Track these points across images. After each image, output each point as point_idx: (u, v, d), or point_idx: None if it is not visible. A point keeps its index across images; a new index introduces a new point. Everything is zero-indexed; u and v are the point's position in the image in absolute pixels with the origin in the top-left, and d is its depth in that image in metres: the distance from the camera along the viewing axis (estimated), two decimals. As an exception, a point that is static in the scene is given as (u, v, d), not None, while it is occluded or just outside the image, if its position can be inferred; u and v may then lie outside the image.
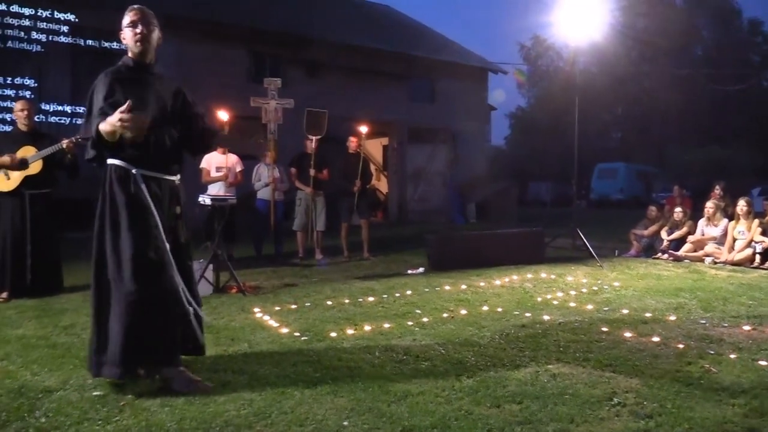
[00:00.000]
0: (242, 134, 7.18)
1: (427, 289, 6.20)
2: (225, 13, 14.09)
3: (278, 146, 8.40)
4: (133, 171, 3.21)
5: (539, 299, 5.70)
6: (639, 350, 3.94)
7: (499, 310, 5.19)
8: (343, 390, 3.21)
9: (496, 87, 20.73)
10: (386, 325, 4.63)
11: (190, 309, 3.34)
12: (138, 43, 3.28)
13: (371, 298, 5.72)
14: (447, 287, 6.30)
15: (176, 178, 3.45)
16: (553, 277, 7.00)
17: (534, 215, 17.17)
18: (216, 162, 7.60)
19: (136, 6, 3.34)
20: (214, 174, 7.65)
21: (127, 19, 3.30)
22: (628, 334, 4.33)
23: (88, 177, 10.99)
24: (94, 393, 3.20)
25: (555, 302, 5.56)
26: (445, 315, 5.01)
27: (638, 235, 9.45)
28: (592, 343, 4.11)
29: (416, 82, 17.42)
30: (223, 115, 5.66)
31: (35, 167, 5.76)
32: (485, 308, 5.27)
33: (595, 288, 6.31)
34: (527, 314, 5.01)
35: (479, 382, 3.33)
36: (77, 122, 11.75)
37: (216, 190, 7.55)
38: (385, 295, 5.88)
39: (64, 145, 5.66)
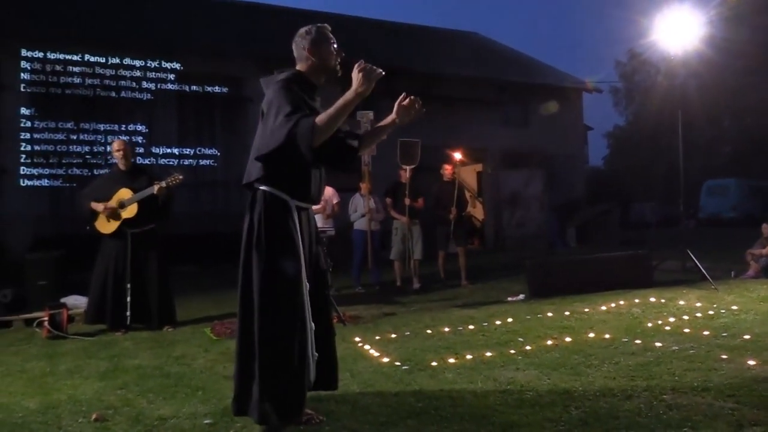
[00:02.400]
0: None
1: (528, 317, 6.04)
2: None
3: (373, 177, 8.54)
4: (291, 202, 3.10)
5: (649, 325, 5.40)
6: (765, 379, 3.64)
7: (607, 336, 4.97)
8: (446, 420, 3.16)
9: (592, 106, 20.15)
10: (488, 354, 4.54)
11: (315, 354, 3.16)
12: (337, 65, 3.25)
13: (471, 327, 5.65)
14: (549, 314, 6.11)
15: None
16: (663, 301, 6.63)
17: (638, 237, 16.42)
18: (314, 195, 7.81)
19: (326, 26, 3.26)
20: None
21: (328, 38, 3.25)
22: (751, 362, 4.01)
23: (193, 214, 11.53)
24: (205, 421, 3.31)
25: (667, 328, 5.25)
26: (549, 343, 4.86)
27: (756, 254, 8.80)
28: (711, 372, 3.83)
29: (509, 106, 17.27)
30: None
31: (131, 211, 5.98)
32: (591, 335, 5.06)
33: (711, 312, 5.91)
34: (637, 341, 4.76)
35: (588, 414, 3.18)
36: (184, 163, 12.49)
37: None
38: (486, 323, 5.78)
39: (156, 191, 5.90)
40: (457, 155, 8.80)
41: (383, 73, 2.91)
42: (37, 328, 5.95)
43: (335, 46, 3.24)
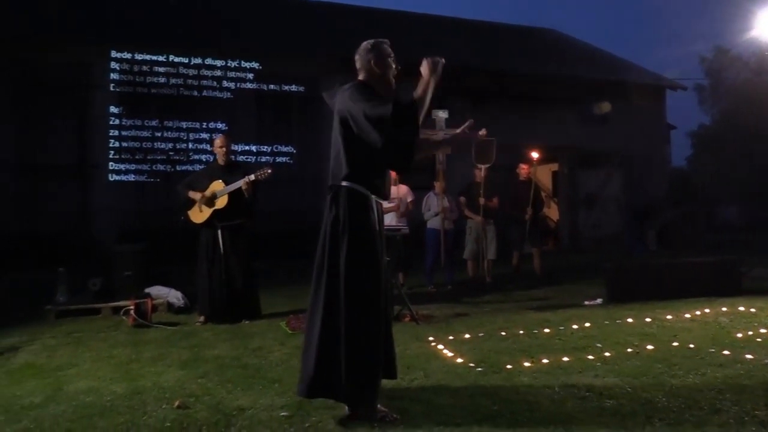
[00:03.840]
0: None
1: (607, 322, 5.85)
2: (395, 50, 14.68)
3: (447, 176, 8.47)
4: (372, 197, 3.34)
5: (739, 335, 5.12)
6: None
7: (691, 346, 4.73)
8: (523, 425, 3.10)
9: (676, 104, 19.26)
10: (565, 359, 4.42)
11: None
12: (394, 78, 3.48)
13: (547, 330, 5.51)
14: (629, 320, 5.89)
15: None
16: (753, 311, 6.26)
17: (724, 242, 15.63)
18: (388, 193, 7.81)
19: (385, 40, 3.53)
20: (385, 205, 7.86)
21: (389, 53, 3.49)
22: None
23: (268, 210, 11.82)
24: (282, 413, 3.37)
25: (758, 339, 4.96)
26: (629, 350, 4.68)
27: None
28: (810, 388, 3.60)
29: (586, 104, 16.76)
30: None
31: (222, 202, 6.25)
32: (675, 344, 4.84)
33: (808, 324, 5.55)
34: (725, 352, 4.51)
35: (674, 427, 3.05)
36: (261, 160, 12.79)
37: (388, 220, 7.75)
38: (562, 327, 5.64)
39: (243, 186, 6.14)
40: (534, 154, 8.62)
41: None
42: (124, 317, 6.23)
43: (394, 59, 3.49)
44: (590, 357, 4.47)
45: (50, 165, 11.65)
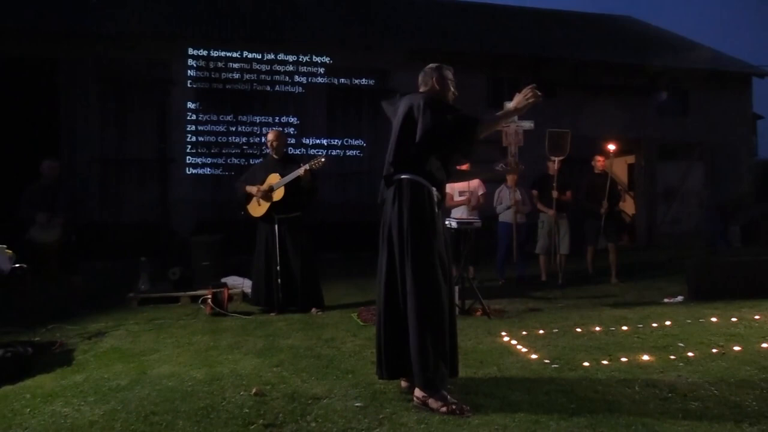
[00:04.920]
0: (483, 158, 7.25)
1: (689, 321, 5.60)
2: (467, 41, 14.54)
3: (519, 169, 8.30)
4: (433, 190, 3.47)
5: (836, 338, 4.81)
6: None
7: (784, 348, 4.49)
8: (602, 425, 3.01)
9: (765, 93, 18.14)
10: (645, 358, 4.27)
11: None
12: (454, 95, 3.68)
13: (625, 327, 5.34)
14: (713, 319, 5.62)
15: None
16: None
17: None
18: (459, 186, 7.75)
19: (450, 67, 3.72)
20: (457, 198, 7.81)
21: (450, 76, 3.67)
22: None
23: (339, 203, 11.91)
24: (356, 404, 3.40)
25: None
26: (714, 351, 4.47)
27: None
28: None
29: (665, 94, 16.07)
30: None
31: (278, 194, 6.29)
32: (765, 345, 4.59)
33: None
34: (822, 355, 4.25)
35: (767, 432, 2.89)
36: (332, 153, 12.94)
37: (459, 213, 7.69)
38: (641, 325, 5.44)
39: (301, 173, 6.17)
40: (611, 146, 8.34)
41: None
42: (201, 305, 6.44)
43: (453, 83, 3.69)
44: (672, 357, 4.30)
45: (132, 159, 12.16)
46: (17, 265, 4.63)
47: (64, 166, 7.96)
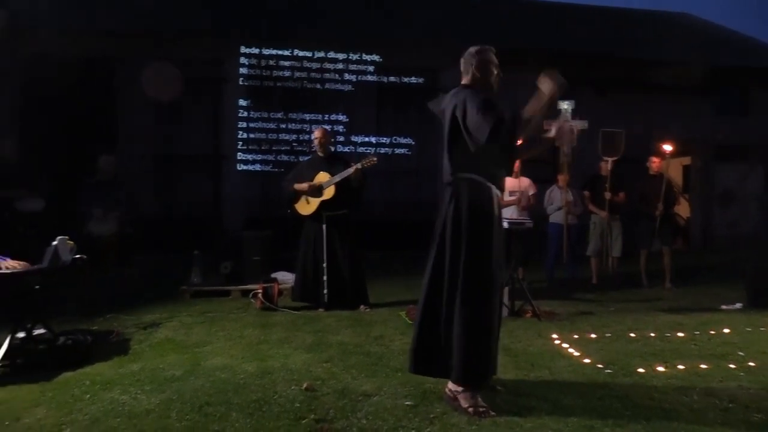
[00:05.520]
0: (534, 158, 7.15)
1: (749, 329, 5.41)
2: (518, 39, 14.35)
3: (571, 168, 8.18)
4: (493, 188, 3.42)
5: None
6: None
7: None
8: (660, 433, 2.93)
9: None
10: (703, 366, 4.14)
11: None
12: (495, 83, 3.58)
13: (680, 334, 5.19)
14: (776, 327, 5.42)
15: None
16: None
17: None
18: (509, 186, 7.66)
19: (490, 47, 3.61)
20: (507, 198, 7.72)
21: (492, 59, 3.57)
22: None
23: (387, 201, 11.91)
24: (406, 402, 3.40)
25: None
26: (777, 360, 4.31)
27: None
28: None
29: (724, 93, 15.54)
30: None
31: (329, 192, 6.34)
32: (832, 356, 4.40)
33: None
34: None
35: (837, 447, 2.76)
36: (380, 151, 12.96)
37: (509, 213, 7.59)
38: (697, 332, 5.28)
39: (352, 172, 6.20)
40: (667, 147, 8.11)
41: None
42: (252, 299, 6.53)
43: (495, 65, 3.58)
44: (731, 366, 4.16)
45: (185, 155, 12.42)
46: (78, 256, 4.77)
47: (121, 162, 8.16)
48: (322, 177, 6.39)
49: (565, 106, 8.26)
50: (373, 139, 13.20)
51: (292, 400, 3.42)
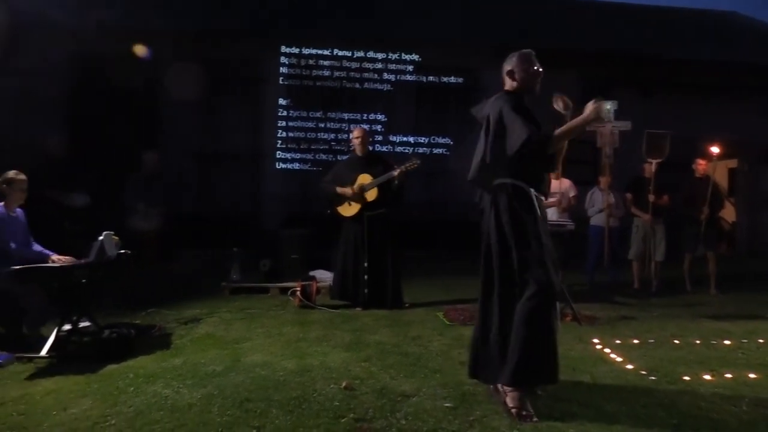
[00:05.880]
0: (575, 159, 7.04)
1: (800, 338, 5.23)
2: (558, 38, 14.16)
3: (613, 170, 8.02)
4: (532, 191, 3.39)
5: None
6: None
7: None
8: (708, 443, 2.85)
9: None
10: (752, 375, 4.01)
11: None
12: (537, 86, 3.56)
13: (727, 342, 5.04)
14: (828, 337, 5.23)
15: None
16: None
17: None
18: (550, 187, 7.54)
19: (531, 51, 3.59)
20: (547, 199, 7.61)
21: (535, 66, 3.54)
22: None
23: (424, 201, 11.87)
24: (446, 404, 3.38)
25: None
26: (830, 371, 4.15)
27: None
28: None
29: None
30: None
31: (372, 194, 6.36)
32: None
33: None
34: None
35: None
36: (418, 151, 12.93)
37: (549, 215, 7.46)
38: (745, 340, 5.12)
39: (396, 174, 6.19)
40: (714, 149, 7.89)
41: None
42: (291, 297, 6.58)
43: (537, 69, 3.54)
44: (783, 376, 4.02)
45: (226, 153, 12.59)
46: (122, 251, 4.87)
47: (163, 160, 8.31)
48: (364, 178, 6.40)
49: (608, 106, 8.15)
50: (411, 139, 13.19)
51: (331, 399, 3.43)
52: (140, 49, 11.12)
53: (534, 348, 3.17)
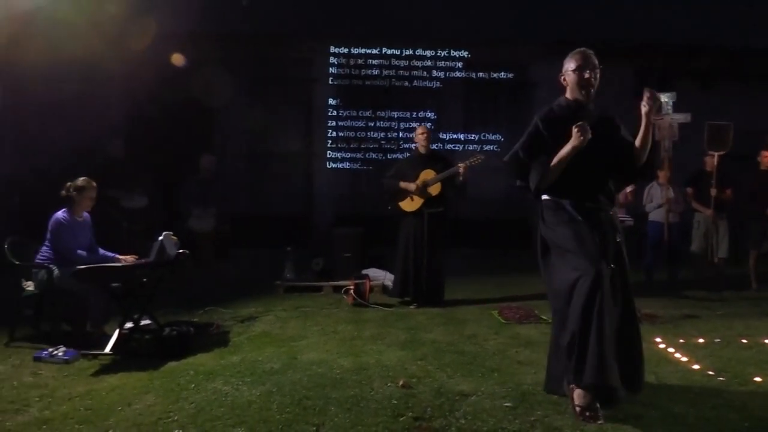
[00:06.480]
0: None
1: None
2: (610, 29, 13.81)
3: (673, 164, 7.77)
4: (564, 202, 3.34)
5: None
6: None
7: None
8: (785, 448, 2.72)
9: None
10: (829, 378, 3.82)
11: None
12: (583, 90, 3.39)
13: (800, 342, 4.81)
14: None
15: (609, 208, 3.43)
16: None
17: None
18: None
19: (581, 50, 3.42)
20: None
21: (573, 64, 3.40)
22: None
23: (475, 198, 11.76)
24: (505, 403, 3.32)
25: None
26: None
27: None
28: None
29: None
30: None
31: (435, 189, 6.36)
32: None
33: None
34: None
35: None
36: (469, 148, 12.81)
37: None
38: (819, 340, 4.89)
39: (460, 170, 6.16)
40: (782, 141, 7.56)
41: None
42: (344, 295, 6.61)
43: (581, 73, 3.36)
44: None
45: (278, 154, 12.75)
46: (180, 251, 4.97)
47: (218, 161, 8.46)
48: (427, 174, 6.42)
49: (666, 99, 7.92)
50: (461, 136, 13.08)
51: (389, 397, 3.42)
52: (178, 58, 11.35)
53: (589, 343, 3.01)
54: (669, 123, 7.81)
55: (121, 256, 4.94)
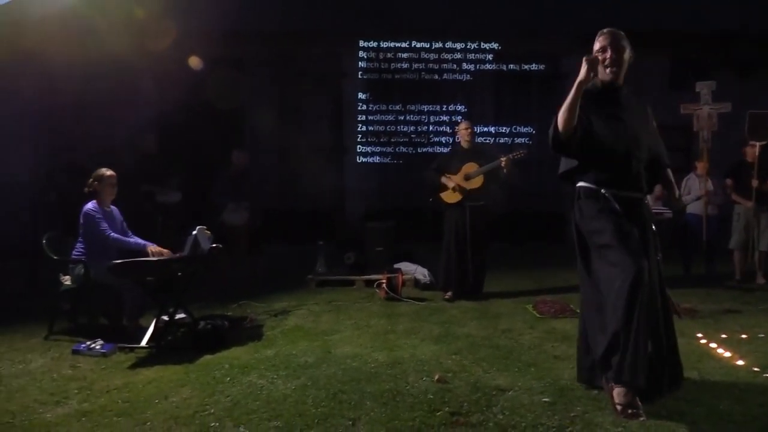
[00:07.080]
0: (667, 144, 6.69)
1: None
2: (644, 19, 13.53)
3: (711, 155, 7.58)
4: (602, 191, 3.23)
5: None
6: None
7: None
8: (839, 447, 2.61)
9: None
10: None
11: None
12: (607, 69, 3.28)
13: None
14: None
15: (645, 196, 3.37)
16: None
17: None
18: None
19: (606, 30, 3.33)
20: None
21: (597, 44, 3.32)
22: None
23: (512, 193, 11.67)
24: (544, 399, 3.26)
25: None
26: None
27: None
28: None
29: None
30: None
31: (477, 182, 6.33)
32: None
33: None
34: None
35: None
36: (500, 141, 12.69)
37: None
38: None
39: (503, 163, 6.12)
40: (825, 130, 7.31)
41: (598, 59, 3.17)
42: (376, 289, 6.59)
43: (603, 49, 3.28)
44: None
45: (309, 149, 12.79)
46: (214, 245, 5.00)
47: (250, 156, 8.52)
48: (470, 167, 6.42)
49: (704, 89, 7.71)
50: (492, 129, 12.98)
51: (424, 392, 3.39)
52: (194, 61, 11.43)
53: (630, 343, 2.93)
54: (708, 113, 7.64)
55: (154, 247, 4.97)
